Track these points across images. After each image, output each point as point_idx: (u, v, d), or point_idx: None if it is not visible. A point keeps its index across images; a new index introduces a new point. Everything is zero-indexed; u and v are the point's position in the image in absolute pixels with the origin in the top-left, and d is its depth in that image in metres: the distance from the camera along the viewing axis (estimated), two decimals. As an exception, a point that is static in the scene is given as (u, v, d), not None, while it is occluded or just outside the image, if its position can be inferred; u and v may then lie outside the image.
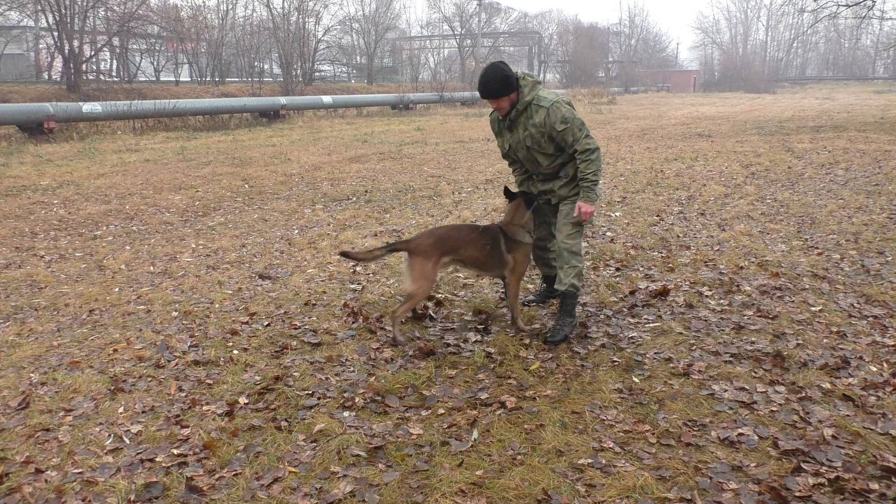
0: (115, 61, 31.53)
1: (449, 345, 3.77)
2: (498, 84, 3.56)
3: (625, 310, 4.28)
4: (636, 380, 3.29)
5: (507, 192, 4.02)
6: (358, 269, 5.34)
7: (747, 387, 3.17)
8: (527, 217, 3.91)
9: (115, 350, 3.76)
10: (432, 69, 49.92)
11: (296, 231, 6.80)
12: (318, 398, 3.17)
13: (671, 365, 3.44)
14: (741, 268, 5.07)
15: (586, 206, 3.67)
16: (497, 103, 3.64)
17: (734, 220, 6.69)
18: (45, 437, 2.85)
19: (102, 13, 26.56)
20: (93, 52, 26.58)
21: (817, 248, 5.59)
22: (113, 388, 3.29)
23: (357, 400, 3.13)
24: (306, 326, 4.10)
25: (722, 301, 4.38)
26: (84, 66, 24.97)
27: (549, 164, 3.80)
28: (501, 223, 3.93)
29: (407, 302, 3.74)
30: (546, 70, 60.13)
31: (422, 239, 3.76)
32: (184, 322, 4.22)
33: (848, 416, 2.88)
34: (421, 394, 3.20)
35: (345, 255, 3.85)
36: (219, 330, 4.06)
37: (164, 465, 2.64)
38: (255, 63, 35.42)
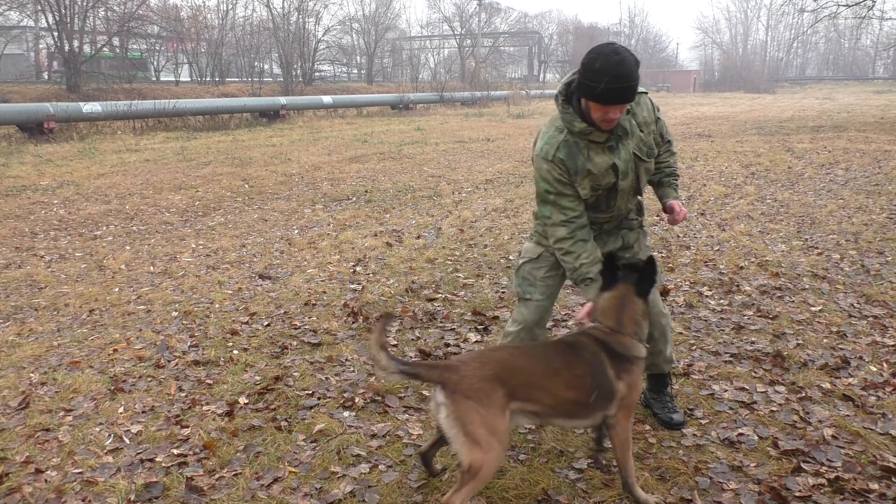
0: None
1: (449, 345, 3.77)
2: (637, 80, 2.31)
3: (625, 310, 4.28)
4: (636, 380, 3.28)
5: (609, 261, 2.40)
6: (358, 269, 5.34)
7: (747, 387, 3.17)
8: (642, 311, 2.38)
9: (115, 350, 3.76)
10: (432, 69, 49.94)
11: (296, 231, 6.80)
12: (318, 398, 3.17)
13: (671, 365, 3.44)
14: (741, 268, 5.07)
15: (682, 207, 2.66)
16: (621, 110, 2.36)
17: (734, 220, 6.69)
18: (45, 437, 2.85)
19: (102, 13, 26.59)
20: (93, 52, 26.58)
21: (817, 248, 5.59)
22: (113, 388, 3.29)
23: (357, 400, 3.13)
24: (306, 326, 4.10)
25: (722, 301, 4.38)
26: (84, 66, 24.97)
27: (638, 191, 2.69)
28: (597, 328, 2.36)
29: (466, 485, 2.07)
30: (546, 70, 60.12)
31: (471, 368, 2.15)
32: (184, 322, 4.22)
33: (848, 416, 2.88)
34: (421, 394, 3.20)
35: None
36: (219, 330, 4.06)
37: (164, 465, 2.64)
38: (255, 63, 35.43)
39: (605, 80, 2.25)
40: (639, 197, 2.75)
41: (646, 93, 2.58)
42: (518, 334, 2.80)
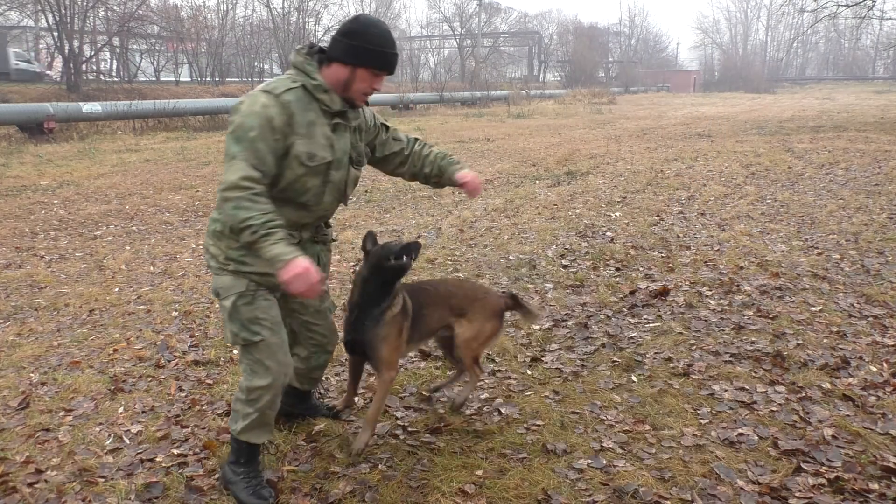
0: (115, 61, 31.59)
1: (449, 345, 3.76)
2: None
3: (625, 310, 4.28)
4: (636, 380, 3.28)
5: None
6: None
7: (747, 387, 3.17)
8: None
9: (115, 350, 3.76)
10: (432, 69, 49.95)
11: (296, 231, 6.79)
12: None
13: (671, 365, 3.44)
14: (741, 268, 5.07)
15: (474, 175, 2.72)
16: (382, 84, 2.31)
17: (734, 220, 6.69)
18: (45, 437, 2.85)
19: (102, 13, 26.61)
20: (93, 52, 26.60)
21: (817, 248, 5.59)
22: (113, 388, 3.29)
23: (357, 400, 3.13)
24: (306, 326, 4.09)
25: (722, 301, 4.38)
26: (84, 66, 24.99)
27: (343, 198, 2.51)
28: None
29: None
30: (546, 70, 60.12)
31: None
32: (184, 322, 4.22)
33: (848, 416, 2.88)
34: (421, 394, 3.20)
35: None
36: (219, 330, 4.06)
37: (164, 465, 2.63)
38: (255, 63, 35.45)
39: (390, 46, 2.19)
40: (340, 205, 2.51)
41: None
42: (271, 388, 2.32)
